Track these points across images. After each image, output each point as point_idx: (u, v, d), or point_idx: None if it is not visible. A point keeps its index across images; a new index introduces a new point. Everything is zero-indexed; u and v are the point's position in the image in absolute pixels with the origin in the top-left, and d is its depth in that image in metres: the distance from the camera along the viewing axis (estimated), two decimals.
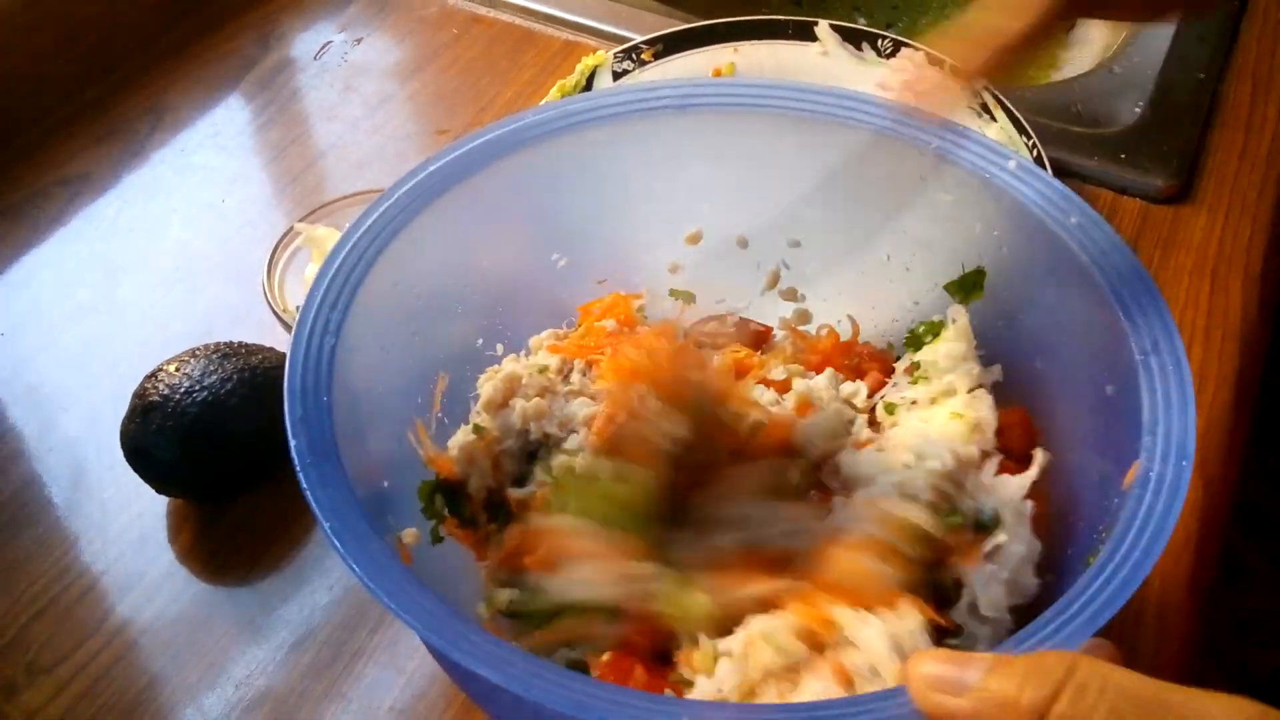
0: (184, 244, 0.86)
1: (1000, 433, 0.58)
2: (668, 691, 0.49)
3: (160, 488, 0.68)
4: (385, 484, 0.53)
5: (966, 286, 0.62)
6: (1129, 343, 0.52)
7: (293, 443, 0.47)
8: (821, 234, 0.66)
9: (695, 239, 0.67)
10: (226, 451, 0.67)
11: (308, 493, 0.45)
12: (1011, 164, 0.59)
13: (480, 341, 0.63)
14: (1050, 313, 0.59)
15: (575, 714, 0.40)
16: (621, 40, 0.94)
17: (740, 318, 0.68)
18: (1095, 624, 0.42)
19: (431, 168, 0.58)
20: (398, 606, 0.42)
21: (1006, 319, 0.61)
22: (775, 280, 0.68)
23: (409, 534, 0.54)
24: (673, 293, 0.67)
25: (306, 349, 0.50)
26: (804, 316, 0.68)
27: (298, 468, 0.46)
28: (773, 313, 0.68)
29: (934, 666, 0.39)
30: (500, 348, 0.63)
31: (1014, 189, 0.58)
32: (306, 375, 0.49)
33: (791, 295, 0.68)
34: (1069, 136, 0.89)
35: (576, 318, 0.65)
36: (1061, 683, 0.36)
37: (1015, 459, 0.57)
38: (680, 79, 0.85)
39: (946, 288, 0.63)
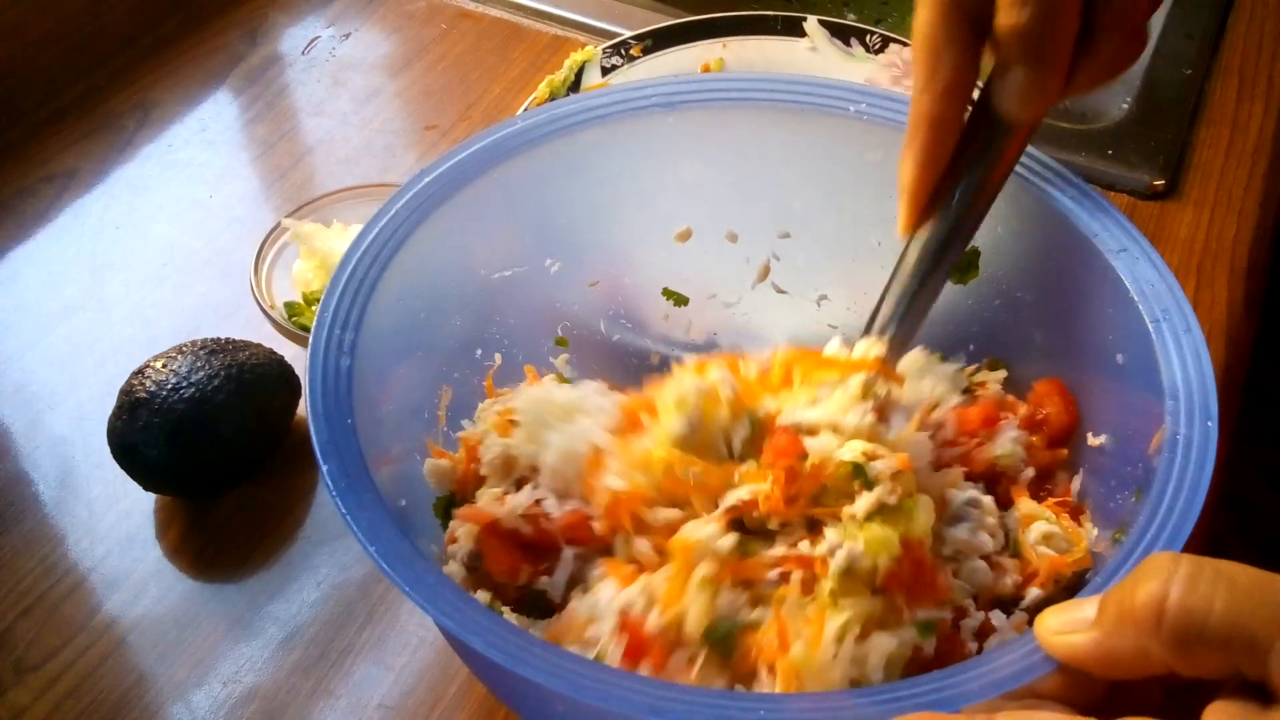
0: (171, 240, 0.86)
1: (1037, 403, 0.58)
2: None
3: (148, 485, 0.68)
4: (403, 502, 0.52)
5: (962, 267, 0.62)
6: (1137, 311, 0.52)
7: (324, 467, 0.46)
8: (811, 224, 0.66)
9: (685, 236, 0.67)
10: (214, 448, 0.66)
11: (347, 517, 0.45)
12: None
13: (479, 352, 0.63)
14: (1050, 286, 0.59)
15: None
16: (610, 35, 0.94)
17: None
18: None
19: (428, 178, 0.58)
20: (459, 627, 0.42)
21: (1004, 297, 0.61)
22: (766, 273, 0.68)
23: None
24: (665, 292, 0.67)
25: (324, 371, 0.50)
26: None
27: (333, 492, 0.46)
28: (764, 305, 0.68)
29: (1057, 616, 0.40)
30: (498, 357, 0.63)
31: None
32: (328, 398, 0.49)
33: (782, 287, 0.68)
34: (1056, 133, 0.90)
35: (569, 324, 0.65)
36: (1169, 575, 0.36)
37: (1051, 434, 0.57)
38: (667, 77, 0.85)
39: None
